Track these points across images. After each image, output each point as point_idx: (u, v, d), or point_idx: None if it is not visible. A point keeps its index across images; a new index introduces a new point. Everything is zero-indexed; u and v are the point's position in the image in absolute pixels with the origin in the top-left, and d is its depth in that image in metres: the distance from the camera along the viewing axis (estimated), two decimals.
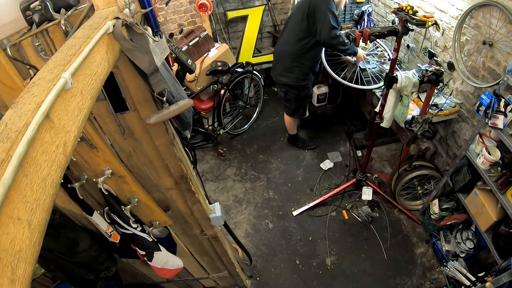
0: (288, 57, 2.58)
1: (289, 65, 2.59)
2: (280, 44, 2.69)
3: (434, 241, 2.37)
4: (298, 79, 2.65)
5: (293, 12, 2.60)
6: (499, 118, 1.66)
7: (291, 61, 2.57)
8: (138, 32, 0.83)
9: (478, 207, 1.93)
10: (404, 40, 2.72)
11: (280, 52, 2.67)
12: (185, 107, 1.03)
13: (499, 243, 1.81)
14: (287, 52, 2.58)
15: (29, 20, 0.83)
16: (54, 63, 0.55)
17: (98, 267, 1.25)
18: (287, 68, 2.62)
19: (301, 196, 2.88)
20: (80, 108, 0.54)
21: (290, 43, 2.54)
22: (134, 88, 1.04)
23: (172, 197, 1.42)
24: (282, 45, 2.63)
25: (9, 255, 0.35)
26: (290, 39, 2.54)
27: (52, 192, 0.43)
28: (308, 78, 2.70)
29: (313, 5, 2.29)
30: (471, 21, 2.08)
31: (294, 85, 2.70)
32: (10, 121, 0.42)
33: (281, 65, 2.67)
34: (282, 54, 2.63)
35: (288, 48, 2.56)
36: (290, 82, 2.68)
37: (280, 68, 2.68)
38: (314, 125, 3.62)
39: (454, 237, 2.25)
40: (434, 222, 2.32)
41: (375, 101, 2.67)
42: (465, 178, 2.04)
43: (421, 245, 2.47)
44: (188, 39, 3.04)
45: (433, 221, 2.34)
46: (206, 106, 3.19)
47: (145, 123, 1.06)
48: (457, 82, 2.35)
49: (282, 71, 2.67)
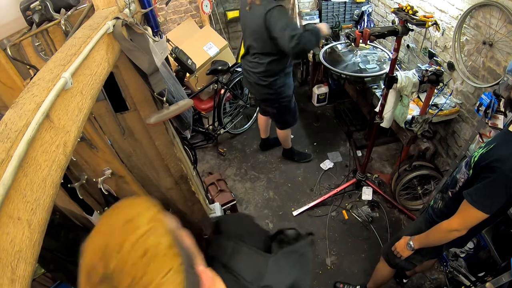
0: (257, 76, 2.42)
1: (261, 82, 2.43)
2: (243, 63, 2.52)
3: None
4: (274, 94, 2.49)
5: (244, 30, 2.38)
6: (499, 118, 1.66)
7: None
8: (138, 32, 0.83)
9: None
10: (404, 40, 2.72)
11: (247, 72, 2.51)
12: (185, 107, 1.03)
13: (499, 243, 1.81)
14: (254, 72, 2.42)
15: (29, 20, 0.83)
16: (54, 63, 0.55)
17: None
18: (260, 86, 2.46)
19: (301, 196, 2.88)
20: (80, 108, 0.54)
21: (254, 63, 2.38)
22: (134, 88, 1.04)
23: (172, 197, 1.42)
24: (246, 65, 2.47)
25: (9, 255, 0.35)
26: (254, 59, 2.37)
27: (52, 192, 0.43)
28: (286, 89, 2.51)
29: (269, 23, 2.08)
30: (471, 21, 2.08)
31: (273, 99, 2.55)
32: (10, 121, 0.42)
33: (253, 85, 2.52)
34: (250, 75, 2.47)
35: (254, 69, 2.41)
36: (268, 98, 2.54)
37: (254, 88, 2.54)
38: (314, 125, 3.62)
39: None
40: None
41: (375, 101, 2.67)
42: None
43: None
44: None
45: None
46: (206, 106, 3.19)
47: (145, 123, 1.06)
48: (457, 82, 2.35)
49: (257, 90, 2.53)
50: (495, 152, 1.13)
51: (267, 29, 2.11)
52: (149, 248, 0.46)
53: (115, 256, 0.45)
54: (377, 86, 2.76)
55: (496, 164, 1.09)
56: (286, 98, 2.55)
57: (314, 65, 3.62)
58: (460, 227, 1.23)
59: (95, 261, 0.46)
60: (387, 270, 1.82)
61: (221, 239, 0.69)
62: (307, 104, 3.92)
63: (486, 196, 1.13)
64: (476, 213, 1.15)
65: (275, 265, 0.62)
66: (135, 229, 0.47)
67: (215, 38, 3.14)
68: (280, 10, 2.08)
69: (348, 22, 3.57)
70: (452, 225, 1.25)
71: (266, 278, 0.59)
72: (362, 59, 2.92)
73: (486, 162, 1.13)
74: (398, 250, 1.55)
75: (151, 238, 0.47)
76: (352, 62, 2.90)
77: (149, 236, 0.47)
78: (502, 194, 1.10)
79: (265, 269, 0.61)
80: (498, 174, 1.09)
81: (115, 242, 0.46)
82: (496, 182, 1.10)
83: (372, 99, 2.75)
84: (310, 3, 3.64)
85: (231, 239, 0.67)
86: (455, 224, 1.24)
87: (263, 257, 0.62)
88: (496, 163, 1.09)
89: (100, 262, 0.45)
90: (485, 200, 1.13)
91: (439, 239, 1.34)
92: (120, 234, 0.46)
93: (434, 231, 1.34)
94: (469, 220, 1.20)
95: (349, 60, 2.94)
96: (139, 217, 0.49)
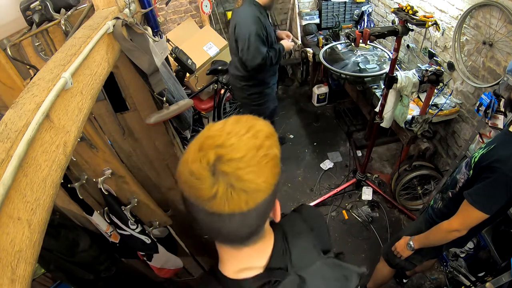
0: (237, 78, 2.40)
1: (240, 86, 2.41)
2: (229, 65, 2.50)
3: None
4: (247, 98, 2.46)
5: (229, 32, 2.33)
6: (499, 118, 1.66)
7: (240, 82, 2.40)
8: (138, 32, 0.83)
9: None
10: (404, 40, 2.72)
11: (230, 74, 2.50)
12: (185, 107, 1.03)
13: (499, 243, 1.81)
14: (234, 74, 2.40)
15: (29, 20, 0.83)
16: (54, 63, 0.55)
17: (98, 267, 1.25)
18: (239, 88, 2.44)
19: (301, 196, 2.88)
20: (80, 108, 0.54)
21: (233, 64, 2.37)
22: (134, 88, 1.04)
23: (172, 197, 1.42)
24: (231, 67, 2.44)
25: (9, 255, 0.35)
26: (234, 61, 2.36)
27: (52, 192, 0.43)
28: (259, 97, 2.45)
29: (237, 31, 2.06)
30: (471, 21, 2.08)
31: (246, 104, 2.53)
32: (10, 121, 0.42)
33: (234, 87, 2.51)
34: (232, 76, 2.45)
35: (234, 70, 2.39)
36: (242, 101, 2.54)
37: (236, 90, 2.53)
38: (314, 125, 3.62)
39: None
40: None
41: (375, 101, 2.67)
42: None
43: None
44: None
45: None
46: (206, 106, 3.19)
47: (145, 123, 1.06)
48: (457, 82, 2.35)
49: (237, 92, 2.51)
50: (496, 152, 1.13)
51: (235, 38, 2.10)
52: (268, 152, 0.51)
53: (235, 138, 0.49)
54: (377, 86, 2.76)
55: (497, 165, 1.09)
56: (258, 107, 2.47)
57: (314, 65, 3.62)
58: (460, 227, 1.23)
59: (212, 141, 0.49)
60: (387, 270, 1.82)
61: (297, 216, 0.72)
62: (307, 104, 3.92)
63: (486, 196, 1.13)
64: (476, 213, 1.15)
65: (320, 267, 0.63)
66: (259, 131, 0.52)
67: (215, 38, 3.14)
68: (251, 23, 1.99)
69: (348, 22, 3.57)
70: (452, 225, 1.25)
71: (305, 271, 0.61)
72: (362, 59, 2.92)
73: (487, 163, 1.13)
74: (398, 250, 1.55)
75: (273, 144, 0.53)
76: (352, 62, 2.90)
77: (271, 142, 0.52)
78: (503, 194, 1.10)
79: (310, 264, 0.62)
80: (498, 174, 1.09)
81: (238, 131, 0.50)
82: (497, 182, 1.10)
83: (372, 99, 2.75)
84: (310, 3, 3.64)
85: (305, 223, 0.70)
86: (455, 224, 1.24)
87: (317, 254, 0.64)
88: (497, 163, 1.09)
89: (219, 141, 0.49)
90: (485, 201, 1.13)
91: (439, 239, 1.34)
92: (244, 130, 0.51)
93: (434, 231, 1.34)
94: (469, 220, 1.20)
95: (349, 60, 2.94)
96: (263, 125, 0.54)
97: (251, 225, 0.53)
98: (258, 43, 2.02)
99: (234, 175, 0.47)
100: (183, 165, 0.51)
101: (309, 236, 0.66)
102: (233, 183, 0.47)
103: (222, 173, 0.47)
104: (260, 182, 0.49)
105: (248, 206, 0.49)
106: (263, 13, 2.07)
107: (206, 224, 0.52)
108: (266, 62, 2.10)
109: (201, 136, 0.51)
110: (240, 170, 0.47)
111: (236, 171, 0.47)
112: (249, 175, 0.48)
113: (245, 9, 2.04)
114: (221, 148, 0.48)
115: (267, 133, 0.52)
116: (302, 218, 0.71)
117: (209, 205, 0.48)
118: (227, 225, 0.50)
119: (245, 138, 0.49)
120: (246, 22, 2.00)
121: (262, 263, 0.60)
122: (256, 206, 0.50)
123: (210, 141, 0.49)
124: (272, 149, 0.52)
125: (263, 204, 0.51)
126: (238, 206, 0.48)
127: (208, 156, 0.48)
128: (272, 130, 0.55)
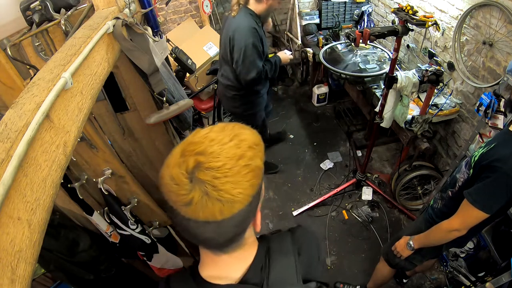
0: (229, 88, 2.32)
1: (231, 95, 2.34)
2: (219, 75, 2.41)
3: None
4: (238, 108, 2.39)
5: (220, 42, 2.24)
6: (499, 118, 1.66)
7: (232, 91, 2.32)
8: (138, 32, 0.83)
9: None
10: (404, 40, 2.72)
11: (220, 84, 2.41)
12: (185, 107, 1.03)
13: (499, 243, 1.81)
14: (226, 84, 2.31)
15: (29, 20, 0.83)
16: (54, 63, 0.55)
17: (98, 267, 1.25)
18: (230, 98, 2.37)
19: (301, 196, 2.88)
20: (80, 108, 0.54)
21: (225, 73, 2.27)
22: (134, 88, 1.04)
23: None
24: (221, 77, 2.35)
25: (9, 255, 0.35)
26: (224, 70, 2.27)
27: (52, 192, 0.43)
28: (251, 107, 2.39)
29: (233, 42, 1.96)
30: (471, 21, 2.07)
31: (239, 113, 2.45)
32: (10, 121, 0.42)
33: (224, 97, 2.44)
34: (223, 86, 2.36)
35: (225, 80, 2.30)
36: (237, 112, 2.45)
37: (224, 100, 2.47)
38: (314, 125, 3.62)
39: None
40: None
41: (375, 101, 2.67)
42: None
43: None
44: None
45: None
46: (206, 106, 3.19)
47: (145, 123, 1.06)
48: (457, 82, 2.35)
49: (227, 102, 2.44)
50: (496, 151, 1.13)
51: (230, 48, 2.01)
52: (249, 163, 0.50)
53: (217, 146, 0.49)
54: (377, 86, 2.76)
55: (497, 164, 1.09)
56: (249, 117, 2.41)
57: (314, 65, 3.62)
58: (460, 226, 1.23)
59: (193, 147, 0.49)
60: (387, 270, 1.82)
61: (288, 236, 0.69)
62: (307, 104, 3.92)
63: (486, 195, 1.13)
64: (476, 213, 1.15)
65: None
66: (243, 140, 0.51)
67: (215, 38, 3.14)
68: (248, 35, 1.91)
69: (348, 22, 3.57)
70: (452, 225, 1.25)
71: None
72: (362, 59, 2.92)
73: (487, 162, 1.13)
74: (398, 250, 1.55)
75: (256, 155, 0.52)
76: (352, 62, 2.90)
77: (253, 153, 0.52)
78: (503, 194, 1.10)
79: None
80: (498, 174, 1.09)
81: (221, 139, 0.50)
82: (497, 181, 1.10)
83: (372, 99, 2.75)
84: (310, 3, 3.64)
85: (294, 245, 0.66)
86: (455, 224, 1.24)
87: (295, 281, 0.61)
88: (497, 163, 1.09)
89: (201, 148, 0.49)
90: (485, 200, 1.13)
91: (439, 239, 1.34)
92: (227, 138, 0.51)
93: (434, 231, 1.34)
94: (469, 220, 1.20)
95: (349, 60, 2.94)
96: (248, 135, 0.54)
97: (227, 234, 0.52)
98: (254, 56, 1.95)
99: (210, 184, 0.47)
100: (165, 169, 0.51)
101: (293, 260, 0.63)
102: (208, 192, 0.47)
103: (199, 181, 0.47)
104: (236, 193, 0.48)
105: (222, 216, 0.48)
106: (258, 23, 1.99)
107: (184, 227, 0.52)
108: (261, 77, 2.04)
109: (185, 142, 0.52)
110: (216, 180, 0.47)
111: (212, 180, 0.47)
112: (225, 186, 0.47)
113: (242, 19, 1.94)
114: (201, 156, 0.48)
115: (250, 143, 0.52)
116: (293, 239, 0.68)
117: (185, 210, 0.48)
118: (202, 231, 0.50)
119: (226, 147, 0.49)
120: (243, 33, 1.91)
121: (238, 274, 0.60)
122: (232, 216, 0.49)
123: (192, 147, 0.49)
124: (253, 160, 0.51)
125: (239, 215, 0.50)
126: (212, 215, 0.48)
127: (188, 162, 0.48)
128: (258, 140, 0.55)
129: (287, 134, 3.47)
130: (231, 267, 0.60)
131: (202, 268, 0.61)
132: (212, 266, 0.60)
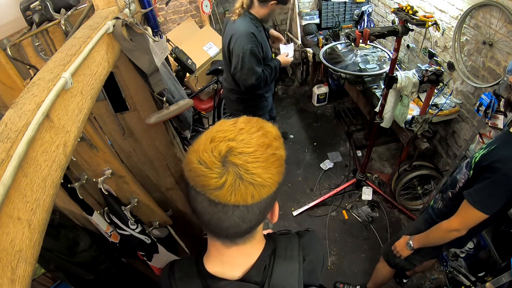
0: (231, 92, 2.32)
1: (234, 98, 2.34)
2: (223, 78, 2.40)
3: None
4: (242, 111, 2.35)
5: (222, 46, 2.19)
6: (499, 118, 1.66)
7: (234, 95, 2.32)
8: (138, 32, 0.83)
9: None
10: (404, 40, 2.72)
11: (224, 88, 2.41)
12: (185, 107, 1.03)
13: (499, 243, 1.81)
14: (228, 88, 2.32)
15: (29, 20, 0.83)
16: (54, 63, 0.55)
17: (98, 267, 1.25)
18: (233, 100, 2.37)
19: (301, 196, 2.88)
20: (80, 108, 0.54)
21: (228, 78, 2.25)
22: (134, 88, 1.04)
23: (172, 197, 1.42)
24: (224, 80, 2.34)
25: (9, 255, 0.35)
26: (226, 73, 2.27)
27: (52, 192, 0.43)
28: (260, 108, 2.38)
29: (231, 48, 1.95)
30: (471, 21, 2.08)
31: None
32: (10, 121, 0.42)
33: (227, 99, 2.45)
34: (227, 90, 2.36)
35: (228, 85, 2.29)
36: (236, 114, 2.40)
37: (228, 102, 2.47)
38: (314, 125, 3.62)
39: None
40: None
41: (375, 101, 2.67)
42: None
43: None
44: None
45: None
46: (206, 106, 3.19)
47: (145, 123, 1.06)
48: (457, 82, 2.35)
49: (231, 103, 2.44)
50: (497, 153, 1.13)
51: (229, 52, 2.00)
52: (276, 152, 0.53)
53: (246, 135, 0.52)
54: (377, 86, 2.76)
55: (497, 165, 1.09)
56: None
57: (314, 65, 3.62)
58: (460, 227, 1.23)
59: (223, 135, 0.52)
60: (387, 270, 1.82)
61: (295, 240, 0.68)
62: (307, 104, 3.92)
63: (486, 196, 1.13)
64: (476, 213, 1.15)
65: None
66: (269, 132, 0.55)
67: (215, 38, 3.14)
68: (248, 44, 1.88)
69: (348, 22, 3.57)
70: (452, 225, 1.25)
71: None
72: (362, 59, 2.92)
73: (487, 163, 1.13)
74: (398, 250, 1.55)
75: (280, 146, 0.56)
76: (352, 62, 2.90)
77: (279, 143, 0.56)
78: (503, 195, 1.10)
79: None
80: (499, 175, 1.09)
81: (249, 129, 0.53)
82: (497, 182, 1.10)
83: (372, 99, 2.75)
84: (310, 3, 3.64)
85: (300, 250, 0.66)
86: (455, 224, 1.24)
87: (296, 285, 0.62)
88: (497, 164, 1.09)
89: (231, 135, 0.52)
90: (485, 201, 1.13)
91: (439, 239, 1.34)
92: (254, 129, 0.54)
93: (434, 230, 1.34)
94: (469, 220, 1.20)
95: (349, 60, 2.94)
96: (271, 127, 0.58)
97: (251, 221, 0.54)
98: (252, 62, 1.92)
99: (243, 167, 0.49)
100: (193, 154, 0.52)
101: (297, 267, 0.63)
102: (242, 175, 0.49)
103: (232, 164, 0.49)
104: (267, 177, 0.51)
105: (253, 200, 0.50)
106: (259, 27, 1.97)
107: (208, 214, 0.52)
108: (260, 83, 2.02)
109: (213, 130, 0.54)
110: (249, 164, 0.49)
111: (245, 163, 0.49)
112: (258, 169, 0.50)
113: (240, 24, 1.91)
114: (233, 142, 0.50)
115: (275, 135, 0.56)
116: (301, 243, 0.68)
117: (215, 195, 0.49)
118: (229, 216, 0.51)
119: (255, 136, 0.52)
120: (241, 40, 1.88)
121: (241, 271, 0.60)
122: (260, 200, 0.52)
123: (222, 135, 0.51)
124: (279, 150, 0.54)
125: (266, 200, 0.53)
126: (244, 198, 0.50)
127: (219, 147, 0.49)
128: (280, 134, 0.58)
129: (287, 134, 3.47)
130: (237, 260, 0.61)
131: (207, 260, 0.63)
132: (218, 259, 0.61)
